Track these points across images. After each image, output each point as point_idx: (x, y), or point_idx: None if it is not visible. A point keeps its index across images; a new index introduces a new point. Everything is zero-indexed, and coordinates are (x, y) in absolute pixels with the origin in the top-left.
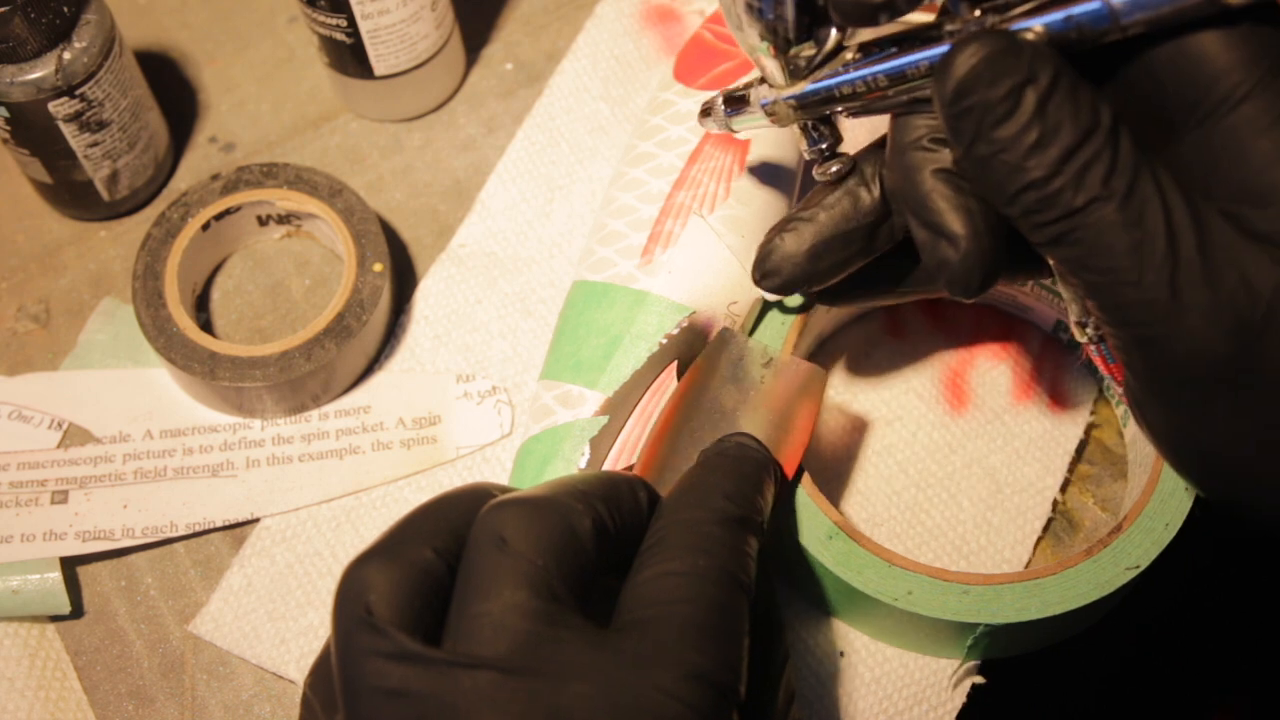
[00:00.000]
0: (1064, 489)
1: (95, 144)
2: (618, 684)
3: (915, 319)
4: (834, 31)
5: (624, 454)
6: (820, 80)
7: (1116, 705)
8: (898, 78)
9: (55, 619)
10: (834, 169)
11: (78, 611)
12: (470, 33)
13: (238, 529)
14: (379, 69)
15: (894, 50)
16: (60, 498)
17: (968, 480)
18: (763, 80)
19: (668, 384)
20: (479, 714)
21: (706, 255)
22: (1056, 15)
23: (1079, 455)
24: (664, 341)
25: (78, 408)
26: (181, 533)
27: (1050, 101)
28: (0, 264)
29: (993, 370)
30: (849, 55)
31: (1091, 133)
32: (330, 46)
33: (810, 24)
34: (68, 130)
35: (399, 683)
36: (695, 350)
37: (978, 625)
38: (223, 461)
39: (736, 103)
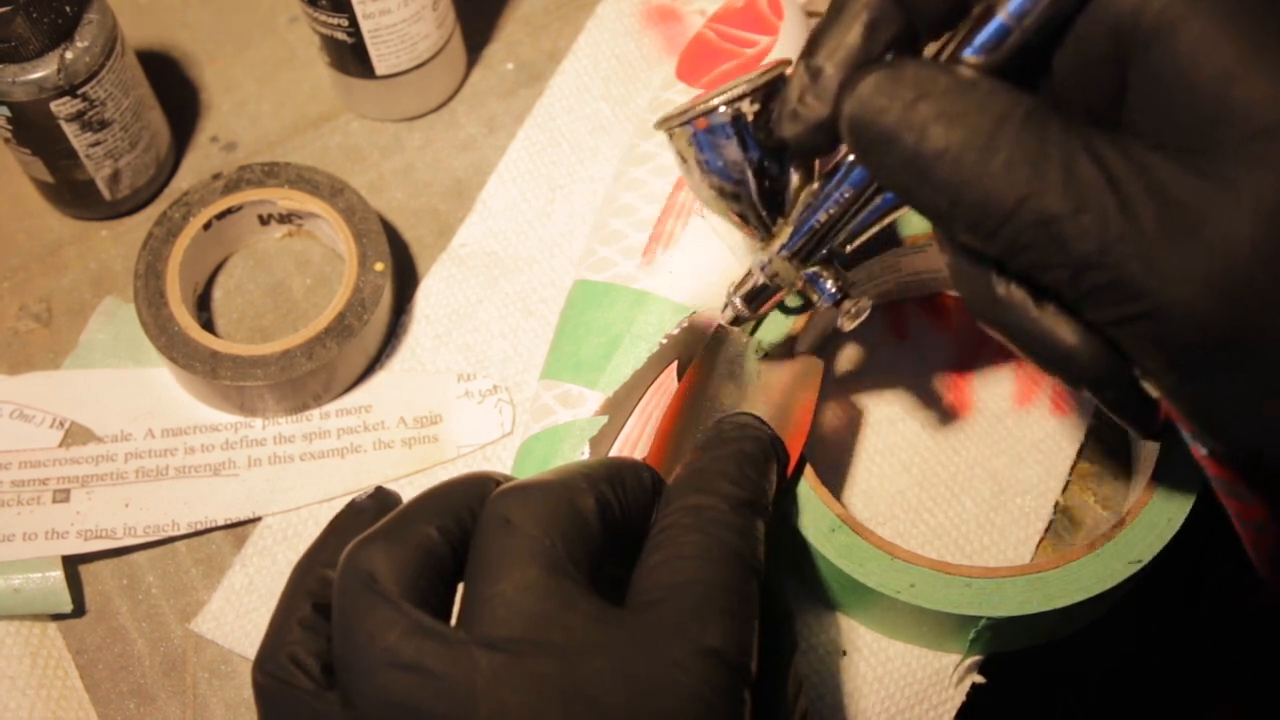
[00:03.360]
0: (1065, 487)
1: (97, 143)
2: (633, 660)
3: (918, 320)
4: (794, 178)
5: (624, 453)
6: (802, 222)
7: (1118, 701)
8: (861, 185)
9: (57, 618)
10: (853, 310)
11: (79, 610)
12: (471, 32)
13: (239, 528)
14: (380, 69)
15: (845, 162)
16: (62, 496)
17: (970, 481)
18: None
19: (668, 384)
20: (496, 693)
21: (707, 255)
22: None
23: (1079, 453)
24: (664, 341)
25: (79, 407)
26: (183, 531)
27: (948, 103)
28: (2, 263)
29: (995, 374)
30: (814, 187)
31: (1005, 120)
32: (331, 46)
33: (772, 187)
34: (69, 130)
35: (414, 657)
36: (695, 350)
37: (980, 618)
38: (224, 460)
39: (751, 293)
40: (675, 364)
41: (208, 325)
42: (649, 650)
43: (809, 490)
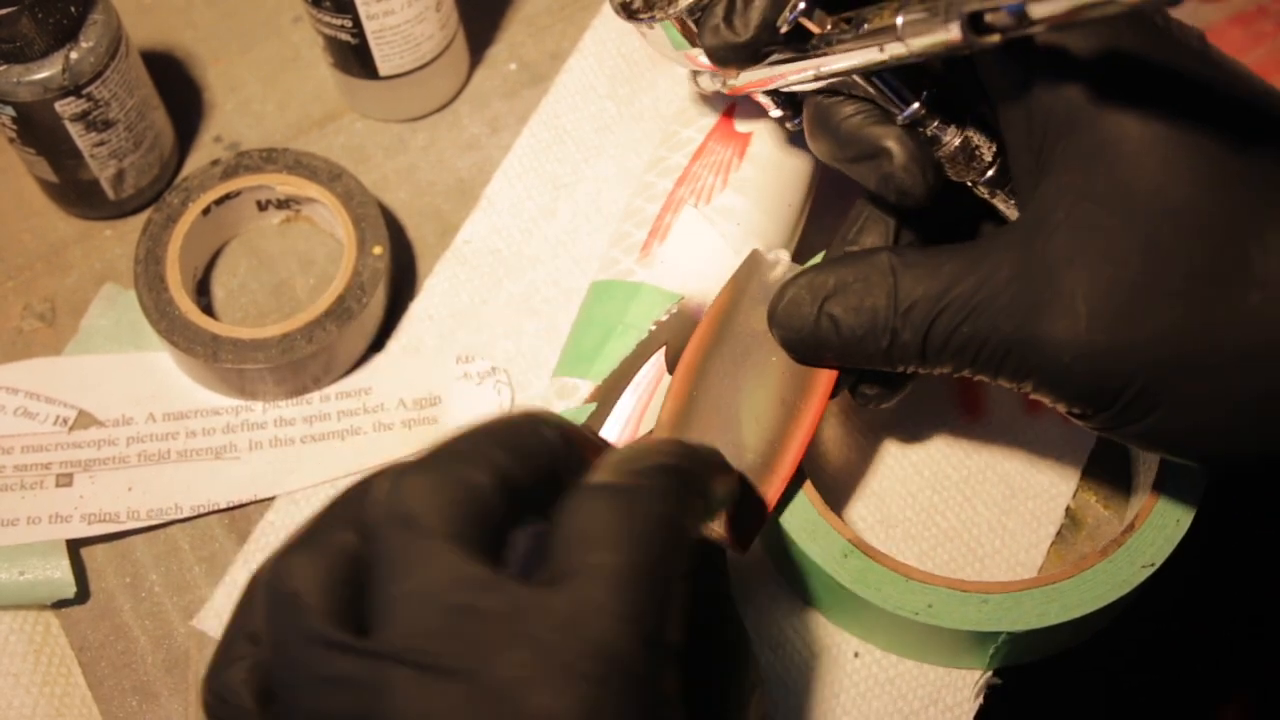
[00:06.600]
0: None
1: (101, 143)
2: (550, 645)
3: None
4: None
5: (624, 432)
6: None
7: (1132, 700)
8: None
9: (59, 608)
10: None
11: (83, 595)
12: (474, 33)
13: (242, 524)
14: (384, 69)
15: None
16: (65, 480)
17: (983, 485)
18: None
19: (659, 366)
20: (416, 699)
21: (699, 243)
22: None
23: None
24: (653, 328)
25: (81, 392)
26: (185, 515)
27: (846, 300)
28: (6, 263)
29: None
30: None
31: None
32: (335, 47)
33: None
34: (74, 129)
35: (336, 670)
36: (686, 334)
37: (999, 634)
38: (225, 444)
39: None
40: (665, 349)
41: (207, 310)
42: (568, 630)
43: (817, 517)
